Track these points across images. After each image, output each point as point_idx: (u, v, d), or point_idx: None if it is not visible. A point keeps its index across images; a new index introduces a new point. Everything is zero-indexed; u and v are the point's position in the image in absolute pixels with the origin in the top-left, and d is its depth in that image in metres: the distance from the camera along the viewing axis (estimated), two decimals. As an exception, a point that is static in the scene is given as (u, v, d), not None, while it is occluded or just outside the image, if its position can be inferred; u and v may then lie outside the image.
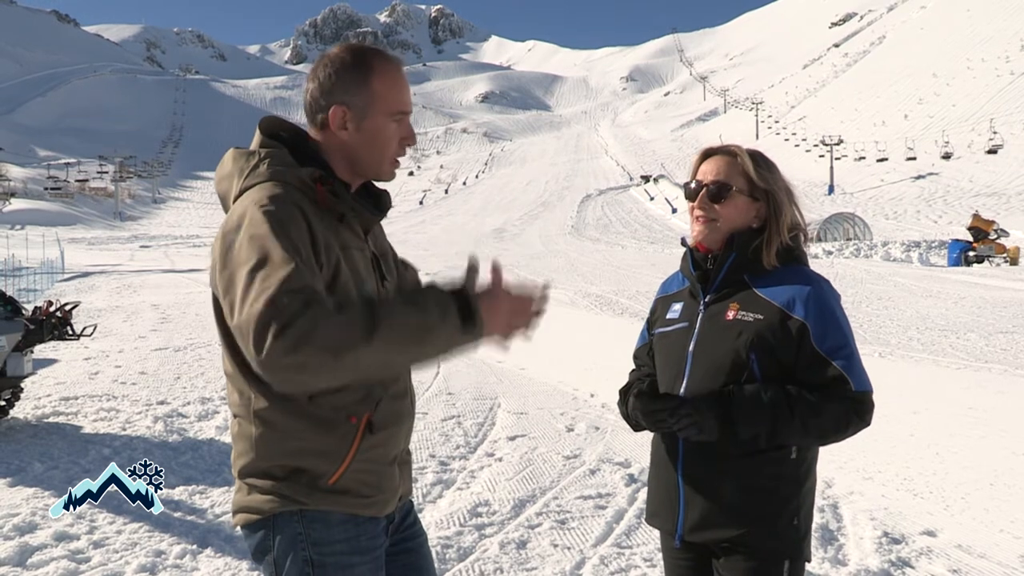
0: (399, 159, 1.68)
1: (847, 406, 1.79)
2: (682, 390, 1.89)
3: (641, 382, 2.00)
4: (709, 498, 1.84)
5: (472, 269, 1.44)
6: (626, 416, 2.01)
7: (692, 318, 1.94)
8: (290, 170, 1.56)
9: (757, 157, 1.94)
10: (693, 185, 1.95)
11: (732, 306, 1.88)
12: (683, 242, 2.02)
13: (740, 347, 1.82)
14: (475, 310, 1.41)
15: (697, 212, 1.93)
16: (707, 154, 1.98)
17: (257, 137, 1.65)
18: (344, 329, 1.33)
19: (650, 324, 2.09)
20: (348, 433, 1.56)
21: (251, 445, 1.57)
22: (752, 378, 1.81)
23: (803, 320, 1.80)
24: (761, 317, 1.83)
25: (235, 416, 1.61)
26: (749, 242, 1.89)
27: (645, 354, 2.09)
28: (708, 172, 1.93)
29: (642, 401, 1.90)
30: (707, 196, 1.91)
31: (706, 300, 1.93)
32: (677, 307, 2.00)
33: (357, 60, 1.62)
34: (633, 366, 2.15)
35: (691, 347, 1.91)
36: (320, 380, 1.36)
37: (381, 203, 1.72)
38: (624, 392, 2.05)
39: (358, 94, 1.61)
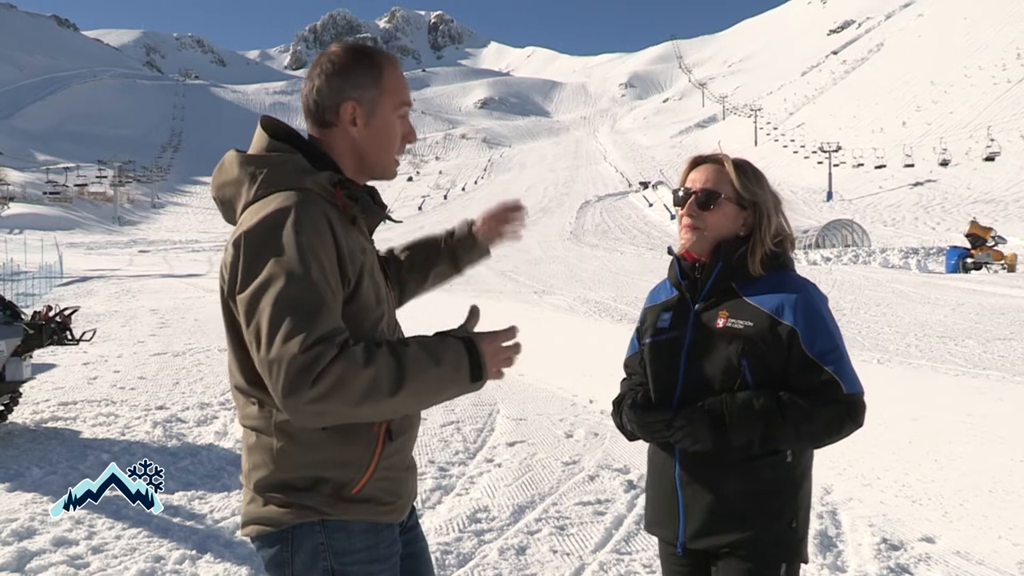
0: (399, 157, 1.69)
1: (839, 409, 1.80)
2: (675, 399, 1.90)
3: (634, 392, 2.01)
4: (708, 505, 1.85)
5: (473, 316, 1.57)
6: (620, 427, 2.02)
7: (682, 327, 1.95)
8: (309, 176, 1.52)
9: (744, 166, 1.96)
10: (682, 192, 1.97)
11: (722, 314, 1.89)
12: (670, 251, 2.04)
13: (731, 354, 1.84)
14: (483, 365, 1.50)
15: (685, 219, 1.95)
16: (696, 162, 2.00)
17: (263, 139, 1.59)
18: (372, 384, 1.40)
19: (640, 333, 2.09)
20: (371, 441, 1.55)
21: (271, 457, 1.53)
22: (744, 385, 1.83)
23: (792, 325, 1.82)
24: (751, 324, 1.85)
25: (252, 429, 1.56)
26: (735, 250, 1.91)
27: (636, 363, 2.09)
28: (697, 180, 1.96)
29: (636, 412, 1.91)
30: (695, 203, 1.93)
31: (696, 309, 1.95)
32: (667, 316, 2.01)
33: (364, 56, 1.61)
34: (624, 375, 2.16)
35: (683, 356, 1.92)
36: (337, 422, 1.46)
37: (378, 200, 1.68)
38: (617, 403, 2.06)
39: (368, 89, 1.59)
